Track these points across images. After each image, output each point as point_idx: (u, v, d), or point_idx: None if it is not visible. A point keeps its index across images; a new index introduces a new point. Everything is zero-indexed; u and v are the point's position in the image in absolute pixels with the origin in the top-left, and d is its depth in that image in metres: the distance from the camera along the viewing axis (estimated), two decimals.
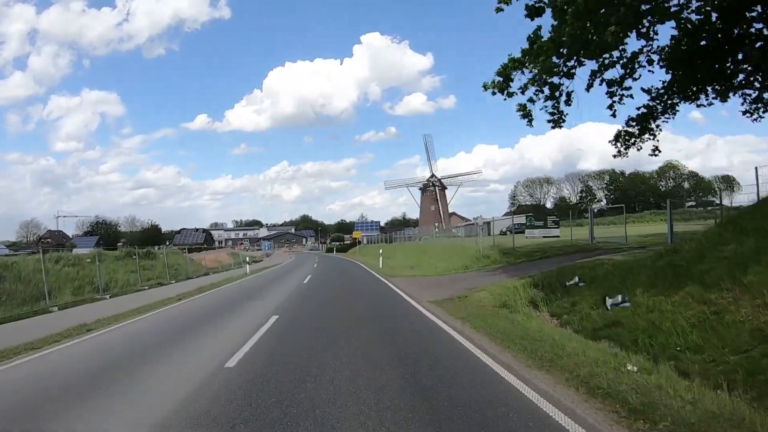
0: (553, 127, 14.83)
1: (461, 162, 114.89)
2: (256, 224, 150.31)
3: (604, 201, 74.41)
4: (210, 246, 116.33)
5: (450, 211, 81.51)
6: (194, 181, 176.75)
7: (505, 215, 77.95)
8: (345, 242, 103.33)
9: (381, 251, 29.42)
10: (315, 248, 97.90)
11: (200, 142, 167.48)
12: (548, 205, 77.83)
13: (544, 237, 22.80)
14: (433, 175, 77.26)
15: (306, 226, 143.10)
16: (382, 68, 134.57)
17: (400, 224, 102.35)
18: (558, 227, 22.87)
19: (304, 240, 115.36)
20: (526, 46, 12.24)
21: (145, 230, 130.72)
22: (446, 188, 77.82)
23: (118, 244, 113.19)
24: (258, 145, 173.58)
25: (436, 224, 75.66)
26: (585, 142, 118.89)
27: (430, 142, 75.56)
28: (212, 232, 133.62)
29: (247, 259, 31.49)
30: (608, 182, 76.29)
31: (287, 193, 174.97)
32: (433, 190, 76.80)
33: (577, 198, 77.33)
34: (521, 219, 63.13)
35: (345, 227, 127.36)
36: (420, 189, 78.91)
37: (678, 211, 63.35)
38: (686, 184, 75.86)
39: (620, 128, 14.38)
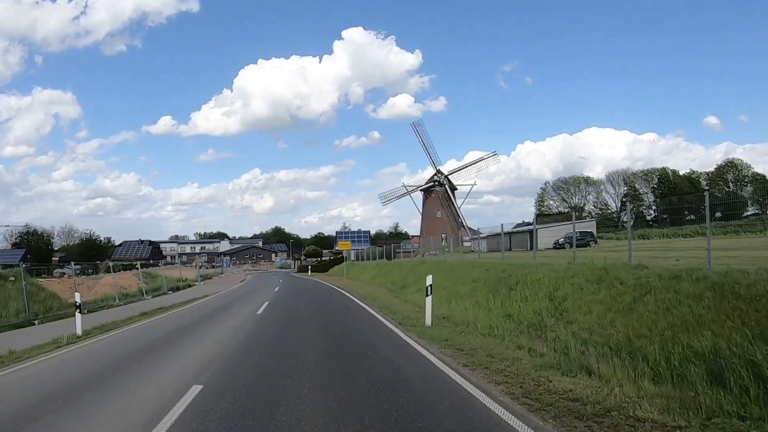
0: None
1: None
2: (220, 237, 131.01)
3: (654, 208, 58.61)
4: (156, 263, 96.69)
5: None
6: (156, 190, 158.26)
7: (516, 226, 61.43)
8: (323, 258, 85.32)
9: (430, 281, 11.38)
10: (286, 265, 79.28)
11: (163, 147, 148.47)
12: (587, 209, 61.38)
13: None
14: (438, 172, 60.04)
15: (278, 239, 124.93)
16: (365, 67, 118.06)
17: (390, 237, 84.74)
18: None
19: (273, 255, 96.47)
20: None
21: (83, 242, 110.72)
22: (456, 188, 60.64)
23: (53, 259, 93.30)
24: (227, 151, 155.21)
25: (444, 234, 58.28)
26: (588, 149, 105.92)
27: (422, 130, 58.27)
28: (166, 245, 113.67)
29: (77, 299, 13.15)
30: (657, 184, 60.61)
31: (259, 204, 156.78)
32: (439, 191, 59.50)
33: (620, 202, 61.29)
34: (589, 225, 46.08)
35: (323, 241, 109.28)
36: (422, 191, 61.57)
37: (733, 223, 45.61)
38: (749, 188, 60.49)
39: None
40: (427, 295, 11.07)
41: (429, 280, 11.19)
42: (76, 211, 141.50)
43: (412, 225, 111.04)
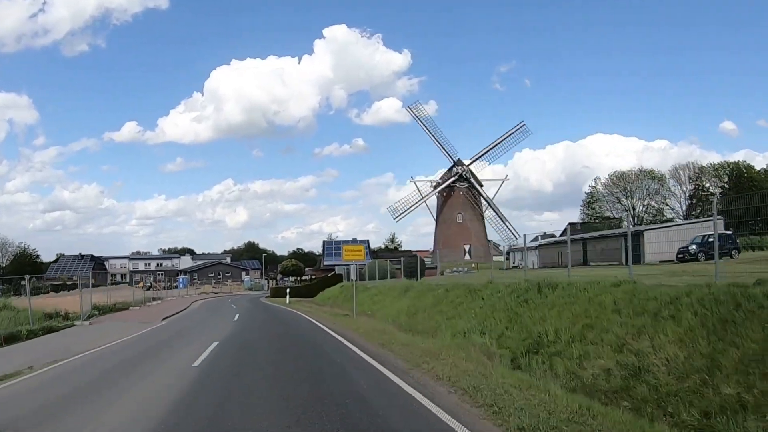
0: None
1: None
2: (186, 253, 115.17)
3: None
4: (100, 282, 79.94)
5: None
6: (120, 202, 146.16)
7: (532, 239, 47.63)
8: (303, 277, 70.48)
9: None
10: (257, 286, 63.83)
11: (128, 155, 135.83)
12: (643, 215, 48.00)
13: None
14: (458, 163, 46.19)
15: (251, 255, 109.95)
16: (348, 68, 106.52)
17: (386, 252, 70.45)
18: None
19: (243, 273, 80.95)
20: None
21: (16, 258, 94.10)
22: (482, 185, 46.87)
23: None
24: (197, 160, 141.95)
25: (467, 246, 44.24)
26: (593, 158, 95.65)
27: (425, 118, 45.26)
28: (116, 261, 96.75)
29: None
30: (728, 182, 48.03)
31: (231, 218, 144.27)
32: (462, 188, 45.59)
33: (685, 204, 48.48)
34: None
35: (302, 257, 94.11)
36: (433, 187, 47.58)
37: None
38: None
39: None
40: None
41: None
42: (32, 225, 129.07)
43: (403, 240, 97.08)
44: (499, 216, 46.87)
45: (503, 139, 45.15)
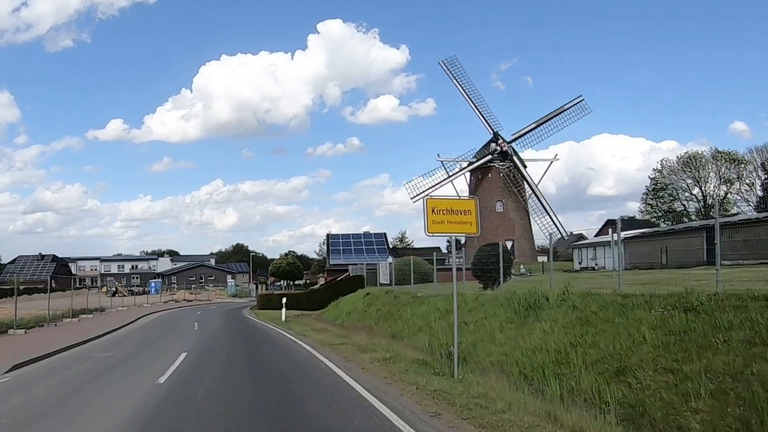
0: None
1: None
2: (167, 254, 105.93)
3: None
4: (62, 286, 69.45)
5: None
6: (104, 203, 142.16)
7: (591, 235, 38.87)
8: (296, 282, 61.14)
9: None
10: (243, 292, 53.89)
11: (113, 154, 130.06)
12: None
13: None
14: (496, 136, 36.90)
15: (240, 258, 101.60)
16: (343, 64, 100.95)
17: (400, 250, 61.20)
18: None
19: (229, 277, 71.09)
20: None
21: None
22: (526, 166, 37.65)
23: None
24: (185, 160, 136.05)
25: (510, 241, 34.91)
26: (598, 160, 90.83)
27: (457, 71, 36.59)
28: (85, 263, 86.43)
29: None
30: None
31: (220, 220, 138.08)
32: (502, 168, 36.30)
33: (759, 194, 39.37)
34: None
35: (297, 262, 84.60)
36: (470, 172, 38.24)
37: None
38: None
39: None
40: None
41: None
42: (12, 226, 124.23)
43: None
44: (542, 205, 37.56)
45: (556, 115, 36.17)
